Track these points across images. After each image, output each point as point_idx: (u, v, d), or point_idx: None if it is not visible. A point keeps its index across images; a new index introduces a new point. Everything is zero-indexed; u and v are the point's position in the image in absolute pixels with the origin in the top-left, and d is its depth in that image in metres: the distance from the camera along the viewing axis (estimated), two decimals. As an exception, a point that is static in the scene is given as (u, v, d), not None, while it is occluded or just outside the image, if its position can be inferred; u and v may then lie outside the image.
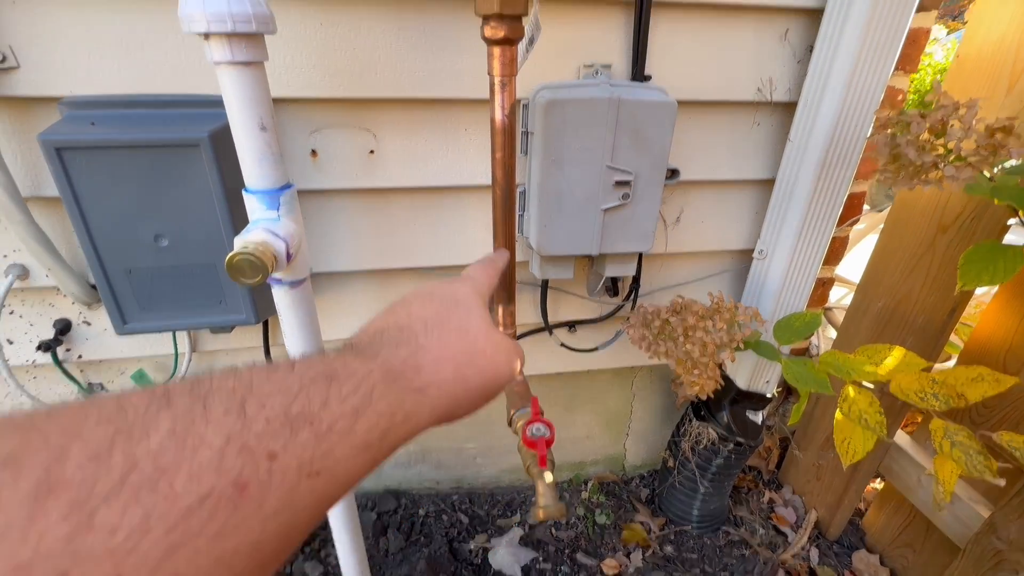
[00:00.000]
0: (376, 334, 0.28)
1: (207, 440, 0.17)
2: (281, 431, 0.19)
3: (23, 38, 0.62)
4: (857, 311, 1.03)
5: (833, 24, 0.76)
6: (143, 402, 0.17)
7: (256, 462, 0.18)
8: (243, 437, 0.18)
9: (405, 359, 0.27)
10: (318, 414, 0.20)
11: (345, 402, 0.22)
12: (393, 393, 0.24)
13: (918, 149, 0.58)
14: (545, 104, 0.68)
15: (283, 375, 0.21)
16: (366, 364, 0.25)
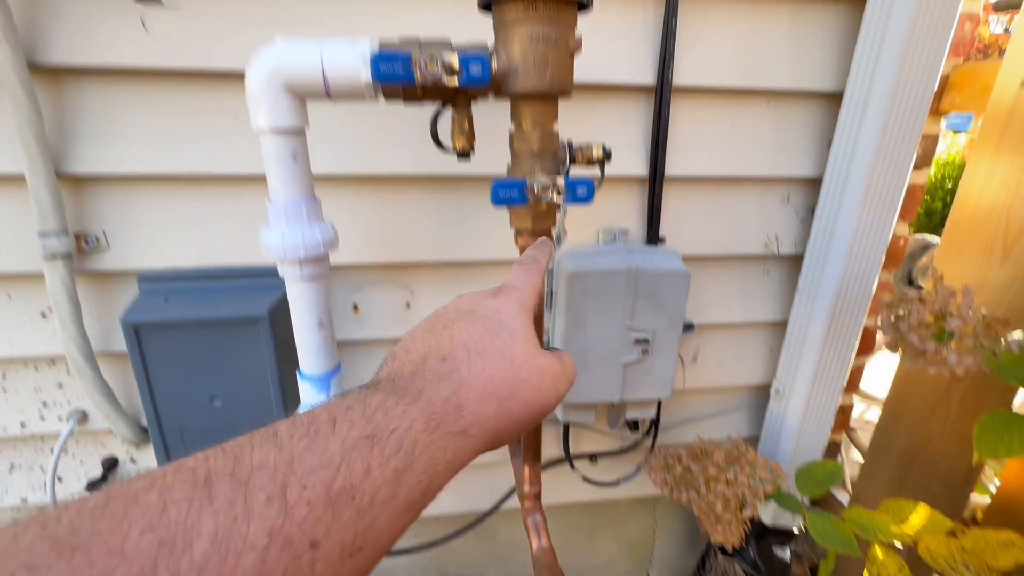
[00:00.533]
0: (419, 363, 0.27)
1: (250, 540, 0.16)
2: (324, 515, 0.18)
3: (115, 222, 0.72)
4: (880, 446, 1.03)
5: (833, 190, 0.83)
6: (185, 499, 0.17)
7: (299, 556, 0.17)
8: (286, 530, 0.17)
9: (447, 399, 0.25)
10: (360, 486, 0.20)
11: (387, 464, 0.21)
12: (436, 443, 0.23)
13: (921, 337, 0.62)
14: (568, 275, 0.74)
15: (324, 441, 0.20)
16: (407, 411, 0.23)
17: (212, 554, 0.16)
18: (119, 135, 0.68)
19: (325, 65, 0.47)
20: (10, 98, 0.61)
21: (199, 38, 0.65)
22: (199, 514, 0.16)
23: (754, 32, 0.77)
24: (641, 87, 0.77)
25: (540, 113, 0.52)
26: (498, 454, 0.96)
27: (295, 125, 0.49)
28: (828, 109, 0.83)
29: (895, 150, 0.77)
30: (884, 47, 0.73)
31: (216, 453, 0.19)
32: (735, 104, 0.80)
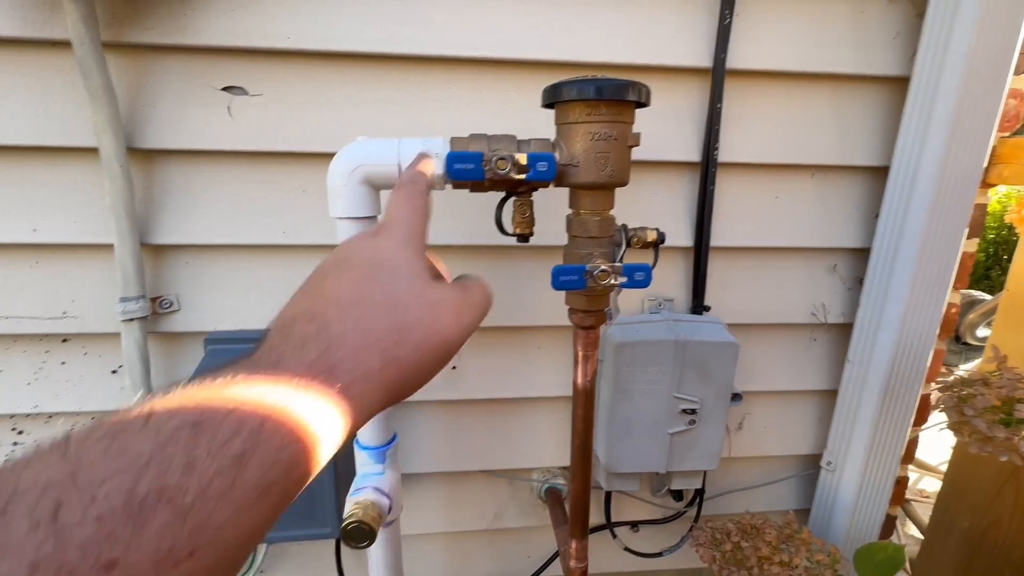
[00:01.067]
0: (286, 330, 0.24)
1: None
2: (122, 529, 0.15)
3: (188, 287, 0.76)
4: (940, 526, 0.98)
5: (882, 262, 0.82)
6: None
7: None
8: (59, 558, 0.14)
9: (313, 362, 0.22)
10: (178, 483, 0.17)
11: (220, 452, 0.18)
12: (296, 415, 0.20)
13: (988, 423, 0.60)
14: (616, 345, 0.75)
15: (129, 439, 0.17)
16: (253, 387, 0.20)
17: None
18: (198, 208, 0.73)
19: (402, 162, 0.50)
20: (109, 178, 0.67)
21: (276, 121, 0.71)
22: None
23: (796, 111, 0.79)
24: (687, 163, 0.79)
25: (599, 202, 0.54)
26: (539, 519, 0.95)
27: (370, 214, 0.53)
28: (873, 182, 0.84)
29: (946, 223, 0.77)
30: (931, 125, 0.74)
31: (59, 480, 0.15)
32: (779, 177, 0.82)
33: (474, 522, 0.93)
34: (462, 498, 0.92)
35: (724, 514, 0.97)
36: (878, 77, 0.79)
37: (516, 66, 0.73)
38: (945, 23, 0.71)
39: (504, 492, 0.93)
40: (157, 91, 0.69)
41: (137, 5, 0.66)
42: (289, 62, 0.70)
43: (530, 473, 0.92)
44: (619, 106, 0.51)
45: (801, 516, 1.02)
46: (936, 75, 0.73)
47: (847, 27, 0.76)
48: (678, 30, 0.74)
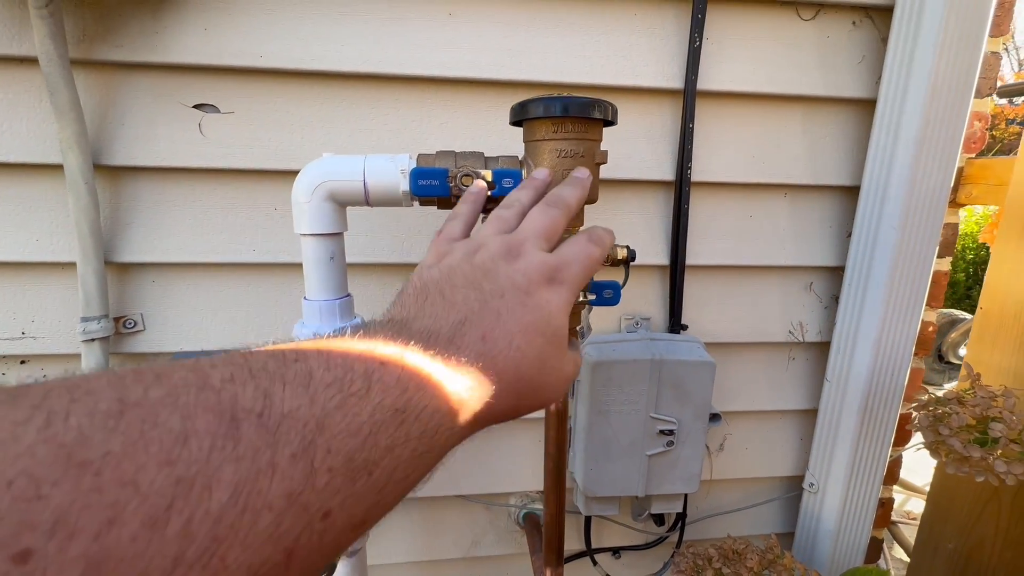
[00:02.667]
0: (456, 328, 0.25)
1: (269, 501, 0.15)
2: (342, 486, 0.17)
3: (153, 306, 0.75)
4: (926, 548, 0.96)
5: (855, 281, 0.83)
6: (208, 433, 0.14)
7: (311, 525, 0.16)
8: (305, 497, 0.16)
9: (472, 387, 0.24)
10: (380, 462, 0.18)
11: (408, 446, 0.19)
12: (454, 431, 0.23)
13: (963, 442, 0.59)
14: (592, 365, 0.74)
15: (356, 404, 0.18)
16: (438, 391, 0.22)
17: (229, 508, 0.14)
18: (166, 225, 0.72)
19: (367, 178, 0.50)
20: (73, 195, 0.66)
21: (248, 139, 0.71)
22: (222, 457, 0.14)
23: (768, 132, 0.80)
24: (661, 182, 0.80)
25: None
26: (517, 545, 0.92)
27: (336, 231, 0.52)
28: (845, 201, 0.85)
29: (916, 242, 0.78)
30: (898, 146, 0.75)
31: (244, 378, 0.16)
32: (753, 196, 0.83)
33: (450, 550, 0.90)
34: (437, 525, 0.89)
35: (707, 539, 0.95)
36: (846, 99, 0.81)
37: (491, 86, 0.74)
38: (907, 48, 0.73)
39: (481, 518, 0.90)
40: (126, 108, 0.69)
41: (108, 23, 0.66)
42: (262, 80, 0.70)
43: (508, 498, 0.90)
44: (585, 124, 0.51)
45: (786, 539, 1.00)
46: (901, 98, 0.74)
47: (814, 51, 0.78)
48: (651, 52, 0.75)
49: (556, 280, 0.29)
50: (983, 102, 0.86)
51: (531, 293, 0.28)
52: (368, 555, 0.74)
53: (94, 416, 0.13)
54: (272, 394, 0.17)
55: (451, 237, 0.35)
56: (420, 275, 0.30)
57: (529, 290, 0.28)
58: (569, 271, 0.30)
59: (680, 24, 0.75)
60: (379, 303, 0.78)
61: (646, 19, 0.74)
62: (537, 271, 0.29)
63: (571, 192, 0.36)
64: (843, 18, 0.78)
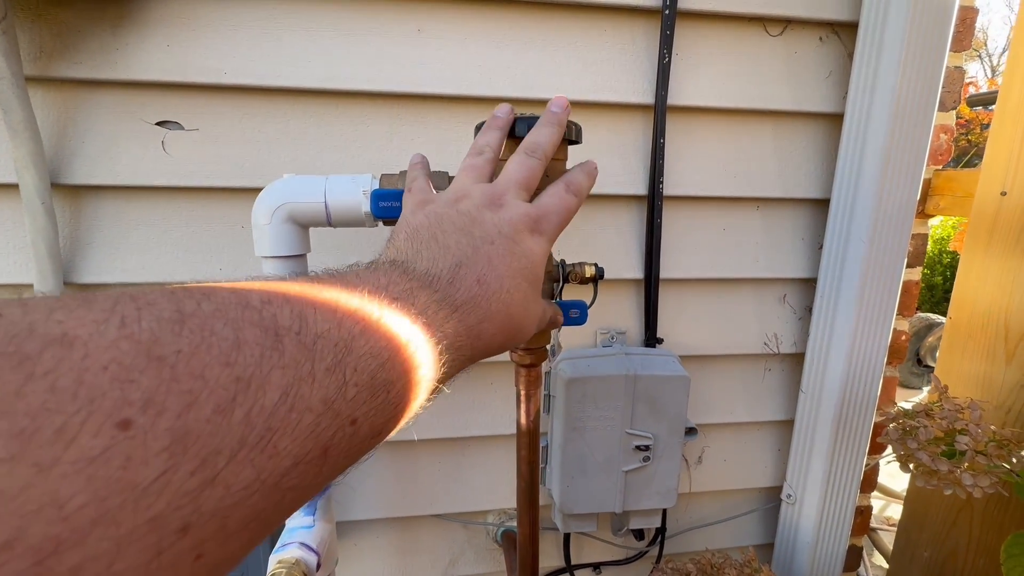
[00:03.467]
0: (454, 271, 0.27)
1: (310, 404, 0.17)
2: (367, 400, 0.19)
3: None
4: (903, 556, 0.97)
5: (827, 292, 0.83)
6: (257, 344, 0.16)
7: (342, 428, 0.18)
8: (337, 404, 0.18)
9: (472, 327, 0.27)
10: (396, 382, 0.21)
11: (417, 371, 0.22)
12: (454, 362, 0.25)
13: (931, 455, 0.60)
14: (567, 381, 0.73)
15: (374, 333, 0.21)
16: (445, 325, 0.25)
17: (280, 405, 0.16)
18: (128, 245, 0.70)
19: (328, 199, 0.49)
20: (30, 216, 0.64)
21: (214, 156, 0.69)
22: (270, 365, 0.16)
23: (739, 146, 0.81)
24: (634, 196, 0.80)
25: (533, 239, 0.53)
26: (496, 564, 0.90)
27: (297, 253, 0.51)
28: (816, 213, 0.86)
29: (885, 253, 0.79)
30: (865, 159, 0.76)
31: (279, 300, 0.19)
32: (726, 210, 0.83)
33: (427, 570, 0.89)
34: (413, 545, 0.87)
35: (687, 552, 0.94)
36: (815, 114, 0.82)
37: (460, 102, 0.73)
38: (872, 63, 0.74)
39: (459, 537, 0.89)
40: (86, 126, 0.67)
41: (66, 40, 0.64)
42: (227, 97, 0.69)
43: (485, 516, 0.89)
44: (549, 143, 0.50)
45: (767, 550, 1.00)
46: (866, 112, 0.75)
47: (782, 66, 0.79)
48: (621, 68, 0.75)
49: (537, 230, 0.32)
50: (948, 115, 0.88)
51: (518, 242, 0.31)
52: (340, 580, 0.72)
53: (161, 321, 0.15)
54: (306, 316, 0.19)
55: (480, 174, 0.36)
56: (408, 221, 0.32)
57: (516, 239, 0.31)
58: (549, 222, 0.33)
59: (650, 40, 0.75)
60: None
61: (616, 35, 0.75)
62: (522, 221, 0.32)
63: (547, 137, 0.38)
64: (810, 34, 0.79)
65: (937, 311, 3.21)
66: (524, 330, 0.31)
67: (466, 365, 0.28)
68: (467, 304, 0.26)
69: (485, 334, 0.27)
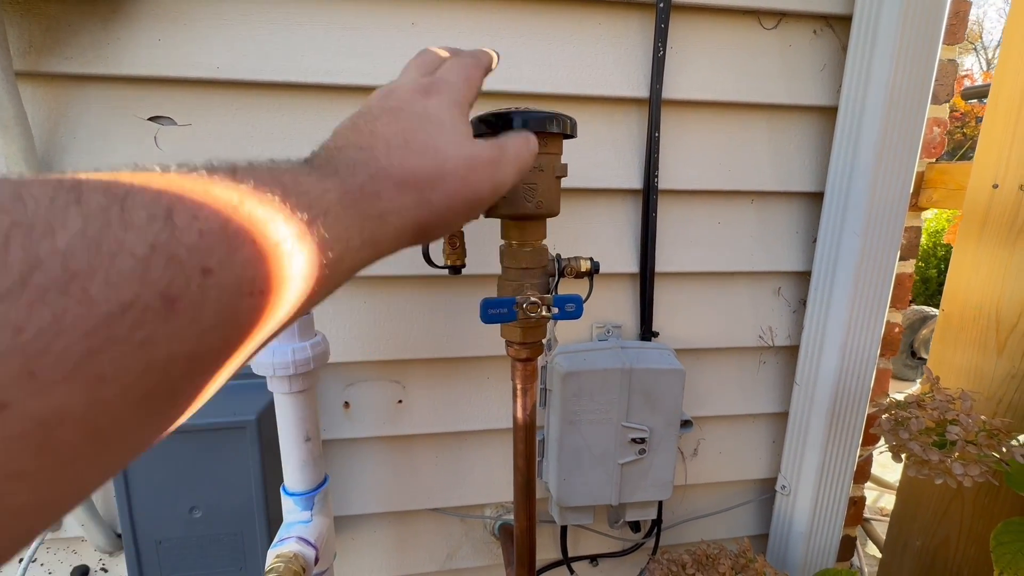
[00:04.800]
0: (335, 151, 0.26)
1: (127, 247, 0.15)
2: (217, 247, 0.17)
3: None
4: (895, 545, 0.98)
5: (821, 285, 0.84)
6: (47, 196, 0.14)
7: (187, 276, 0.16)
8: (171, 248, 0.16)
9: (363, 184, 0.25)
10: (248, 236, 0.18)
11: (293, 216, 0.20)
12: (349, 218, 0.23)
13: (923, 445, 0.60)
14: (563, 375, 0.74)
15: (221, 182, 0.19)
16: (321, 183, 0.23)
17: (79, 246, 0.14)
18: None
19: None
20: (21, 212, 0.63)
21: (207, 152, 0.69)
22: (64, 211, 0.14)
23: (733, 140, 0.81)
24: (629, 190, 0.80)
25: (529, 233, 0.53)
26: (493, 557, 0.91)
27: (291, 248, 0.51)
28: (810, 207, 0.86)
29: (879, 246, 0.79)
30: (859, 152, 0.77)
31: (87, 173, 0.16)
32: (721, 203, 0.83)
33: (425, 564, 0.89)
34: (411, 539, 0.88)
35: (682, 544, 0.95)
36: (809, 107, 0.82)
37: (455, 96, 0.73)
38: (865, 56, 0.75)
39: (456, 530, 0.89)
40: (77, 121, 0.66)
41: (56, 34, 0.64)
42: (219, 92, 0.68)
43: (483, 509, 0.89)
44: (544, 138, 0.50)
45: (762, 541, 1.01)
46: (860, 105, 0.76)
47: (777, 59, 0.79)
48: (615, 62, 0.75)
49: (432, 90, 0.32)
50: (941, 108, 0.89)
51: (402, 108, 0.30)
52: (337, 572, 0.73)
53: None
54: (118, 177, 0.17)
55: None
56: None
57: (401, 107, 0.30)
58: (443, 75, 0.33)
59: (644, 33, 0.75)
60: (347, 318, 0.77)
61: (611, 28, 0.74)
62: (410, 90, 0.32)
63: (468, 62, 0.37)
64: (805, 27, 0.79)
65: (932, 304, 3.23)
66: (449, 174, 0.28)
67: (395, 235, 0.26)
68: (349, 166, 0.25)
69: (384, 192, 0.25)
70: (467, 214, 0.30)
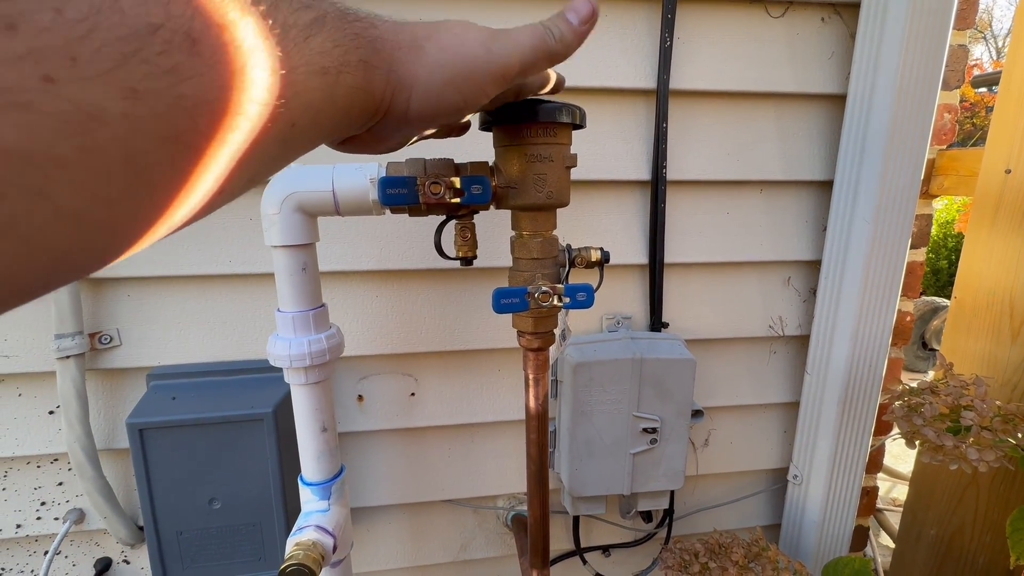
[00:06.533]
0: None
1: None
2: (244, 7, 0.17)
3: (129, 321, 0.74)
4: (909, 535, 0.98)
5: (832, 274, 0.84)
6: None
7: (209, 22, 0.16)
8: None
9: (360, 15, 0.25)
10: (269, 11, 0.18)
11: (296, 14, 0.20)
12: (347, 29, 0.22)
13: (937, 431, 0.60)
14: (574, 366, 0.74)
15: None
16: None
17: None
18: (140, 239, 0.71)
19: (336, 188, 0.50)
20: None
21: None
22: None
23: (741, 129, 0.81)
24: (637, 181, 0.80)
25: (539, 223, 0.54)
26: (506, 548, 0.92)
27: (307, 241, 0.52)
28: (820, 195, 0.86)
29: (889, 234, 0.79)
30: (868, 140, 0.76)
31: None
32: (729, 193, 0.83)
33: (439, 555, 0.90)
34: (425, 530, 0.89)
35: (695, 533, 0.96)
36: (817, 95, 0.81)
37: (463, 90, 0.73)
38: (874, 42, 0.74)
39: (470, 521, 0.90)
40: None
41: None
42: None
43: (495, 500, 0.90)
44: (554, 128, 0.51)
45: (773, 531, 1.01)
46: (869, 92, 0.75)
47: (784, 48, 0.79)
48: (622, 53, 0.75)
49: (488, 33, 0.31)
50: (952, 94, 0.88)
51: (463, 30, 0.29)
52: (354, 562, 0.74)
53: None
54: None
55: None
56: None
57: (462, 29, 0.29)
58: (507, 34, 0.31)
59: (651, 24, 0.75)
60: (360, 311, 0.78)
61: (617, 20, 0.74)
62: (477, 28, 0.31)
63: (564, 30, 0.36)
64: (812, 15, 0.79)
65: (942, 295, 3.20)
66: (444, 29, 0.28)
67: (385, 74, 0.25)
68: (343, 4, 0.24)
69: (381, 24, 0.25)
70: (457, 79, 0.28)
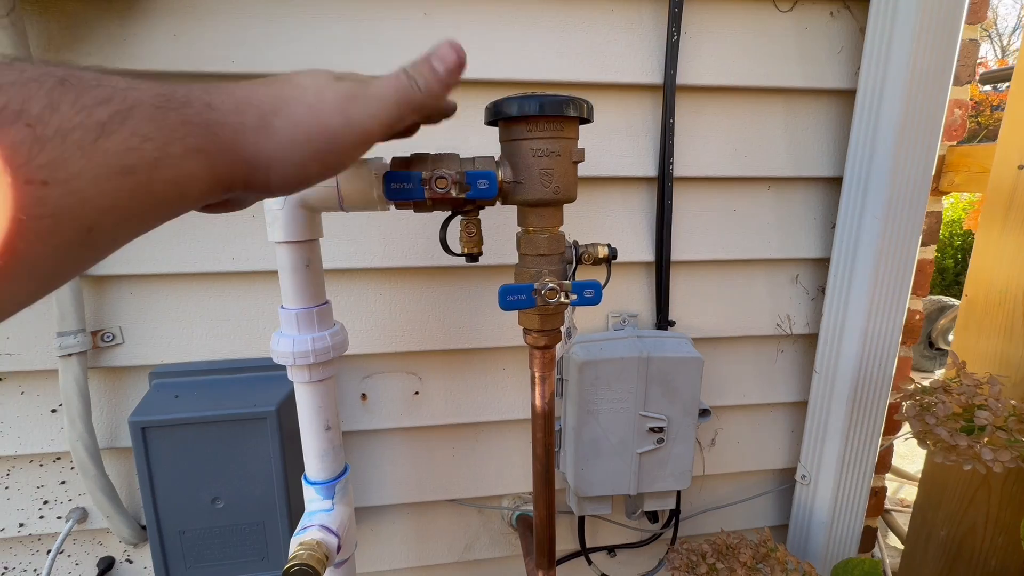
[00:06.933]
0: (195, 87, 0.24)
1: None
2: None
3: (132, 319, 0.73)
4: (918, 536, 0.96)
5: (841, 271, 0.82)
6: None
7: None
8: None
9: (189, 92, 0.23)
10: (40, 115, 0.18)
11: (85, 112, 0.19)
12: (167, 119, 0.21)
13: (950, 431, 0.59)
14: (580, 364, 0.73)
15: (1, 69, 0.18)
16: (132, 83, 0.21)
17: None
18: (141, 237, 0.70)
19: (340, 183, 0.49)
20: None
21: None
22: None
23: (749, 125, 0.80)
24: (644, 178, 0.79)
25: (546, 219, 0.53)
26: (511, 548, 0.91)
27: (310, 237, 0.51)
28: (829, 192, 0.85)
29: (900, 231, 0.78)
30: (878, 136, 0.75)
31: None
32: (737, 190, 0.82)
33: (444, 555, 0.89)
34: (430, 530, 0.88)
35: (701, 534, 0.95)
36: (826, 90, 0.80)
37: (468, 86, 0.73)
38: (885, 37, 0.73)
39: (474, 521, 0.90)
40: (96, 118, 0.67)
41: (75, 31, 0.64)
42: (235, 86, 0.69)
43: (500, 500, 0.89)
44: (560, 122, 0.50)
45: (781, 532, 1.00)
46: (880, 87, 0.74)
47: (792, 43, 0.78)
48: (629, 48, 0.75)
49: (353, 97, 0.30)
50: (962, 89, 0.87)
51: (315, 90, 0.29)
52: (358, 562, 0.73)
53: None
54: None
55: None
56: None
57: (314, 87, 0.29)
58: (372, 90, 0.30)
59: (658, 19, 0.74)
60: (363, 309, 0.77)
61: (623, 14, 0.74)
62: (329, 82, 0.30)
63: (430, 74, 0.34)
64: (821, 9, 0.78)
65: (948, 294, 3.17)
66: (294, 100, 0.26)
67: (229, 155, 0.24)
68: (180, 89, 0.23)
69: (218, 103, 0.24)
70: (318, 153, 0.26)
